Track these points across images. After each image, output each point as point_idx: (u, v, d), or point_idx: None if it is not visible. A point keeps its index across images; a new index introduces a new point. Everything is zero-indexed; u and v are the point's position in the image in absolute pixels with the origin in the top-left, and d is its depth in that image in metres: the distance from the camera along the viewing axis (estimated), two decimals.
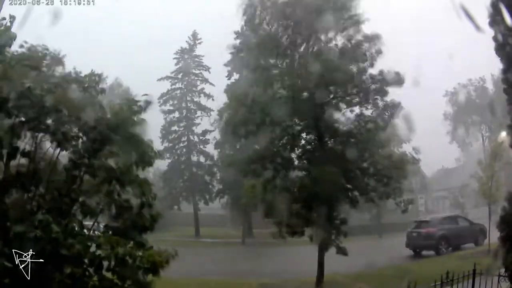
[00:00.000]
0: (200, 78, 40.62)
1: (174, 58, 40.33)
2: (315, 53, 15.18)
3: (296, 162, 15.89)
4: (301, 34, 15.42)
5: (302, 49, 15.66)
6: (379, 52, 15.07)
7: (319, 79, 14.30)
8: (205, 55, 39.96)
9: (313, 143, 15.68)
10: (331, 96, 15.22)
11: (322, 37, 15.62)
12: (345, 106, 15.47)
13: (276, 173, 15.03)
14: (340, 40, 15.44)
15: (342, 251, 14.79)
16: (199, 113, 40.59)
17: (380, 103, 15.24)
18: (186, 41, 40.62)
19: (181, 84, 40.59)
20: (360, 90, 15.10)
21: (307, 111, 14.81)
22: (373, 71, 15.19)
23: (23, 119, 6.09)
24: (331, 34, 15.47)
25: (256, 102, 14.30)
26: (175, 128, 40.51)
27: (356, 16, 15.23)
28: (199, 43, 40.45)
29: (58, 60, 7.13)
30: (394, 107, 15.28)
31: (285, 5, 15.34)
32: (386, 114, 15.29)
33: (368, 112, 15.41)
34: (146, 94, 6.73)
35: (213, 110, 36.77)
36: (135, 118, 6.57)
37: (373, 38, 15.06)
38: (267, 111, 14.28)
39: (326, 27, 15.24)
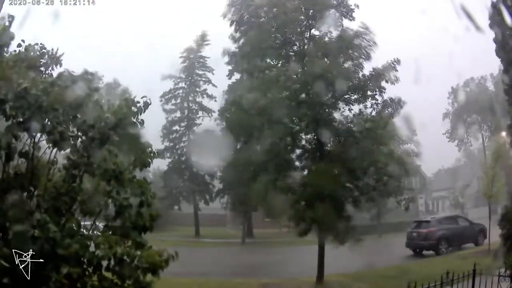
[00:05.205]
0: (203, 79, 40.62)
1: (181, 57, 40.34)
2: (311, 50, 15.14)
3: (297, 163, 15.88)
4: (293, 33, 15.39)
5: (296, 47, 15.64)
6: (373, 44, 15.05)
7: (316, 77, 14.28)
8: (210, 55, 39.95)
9: (313, 143, 15.66)
10: (329, 94, 15.19)
11: (316, 33, 15.60)
12: (344, 105, 15.45)
13: (278, 174, 15.03)
14: (333, 33, 15.43)
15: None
16: (200, 113, 40.63)
17: (379, 99, 15.22)
18: (194, 41, 40.61)
19: (184, 84, 40.58)
20: (357, 87, 15.06)
21: (305, 111, 14.79)
22: (369, 67, 15.21)
23: (20, 119, 6.08)
24: (324, 29, 15.44)
25: (254, 105, 14.28)
26: (176, 127, 40.52)
27: (346, 7, 15.24)
28: (207, 44, 40.37)
29: (55, 59, 7.12)
30: (394, 103, 15.25)
31: (272, 5, 15.29)
32: (386, 111, 15.27)
33: (367, 111, 15.40)
34: (145, 96, 6.70)
35: (214, 111, 36.79)
36: (134, 119, 6.55)
37: (364, 31, 15.03)
38: (265, 114, 14.26)
39: (317, 22, 15.23)
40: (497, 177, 20.81)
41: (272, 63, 15.42)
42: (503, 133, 20.14)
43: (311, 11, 15.26)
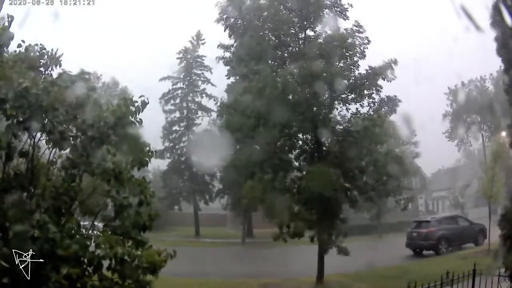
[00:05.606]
0: (201, 79, 40.59)
1: (177, 58, 40.33)
2: (305, 51, 15.15)
3: (294, 163, 15.86)
4: (288, 34, 15.41)
5: (291, 48, 15.65)
6: (366, 42, 15.06)
7: (312, 77, 14.28)
8: (207, 54, 39.93)
9: (310, 143, 15.65)
10: (326, 94, 15.18)
11: (311, 33, 15.61)
12: (340, 104, 15.44)
13: (275, 174, 15.01)
14: (328, 33, 15.46)
15: (343, 252, 14.77)
16: (199, 113, 40.62)
17: (376, 98, 15.22)
18: (190, 41, 40.61)
19: (183, 84, 40.56)
20: (354, 86, 15.06)
21: (302, 111, 14.77)
22: (365, 66, 15.22)
23: (20, 119, 6.08)
24: (318, 29, 15.47)
25: (250, 106, 14.28)
26: (175, 128, 40.53)
27: (340, 6, 15.27)
28: (203, 43, 40.35)
29: (55, 59, 7.12)
30: (391, 102, 15.25)
31: (265, 7, 15.33)
32: (383, 109, 15.27)
33: (364, 110, 15.40)
34: (142, 96, 6.72)
35: (213, 111, 36.80)
36: (132, 118, 6.57)
37: (358, 29, 15.05)
38: (261, 115, 14.25)
39: (311, 22, 15.26)
40: (497, 177, 20.82)
41: (268, 65, 15.39)
42: (503, 133, 20.13)
43: (304, 12, 15.27)
